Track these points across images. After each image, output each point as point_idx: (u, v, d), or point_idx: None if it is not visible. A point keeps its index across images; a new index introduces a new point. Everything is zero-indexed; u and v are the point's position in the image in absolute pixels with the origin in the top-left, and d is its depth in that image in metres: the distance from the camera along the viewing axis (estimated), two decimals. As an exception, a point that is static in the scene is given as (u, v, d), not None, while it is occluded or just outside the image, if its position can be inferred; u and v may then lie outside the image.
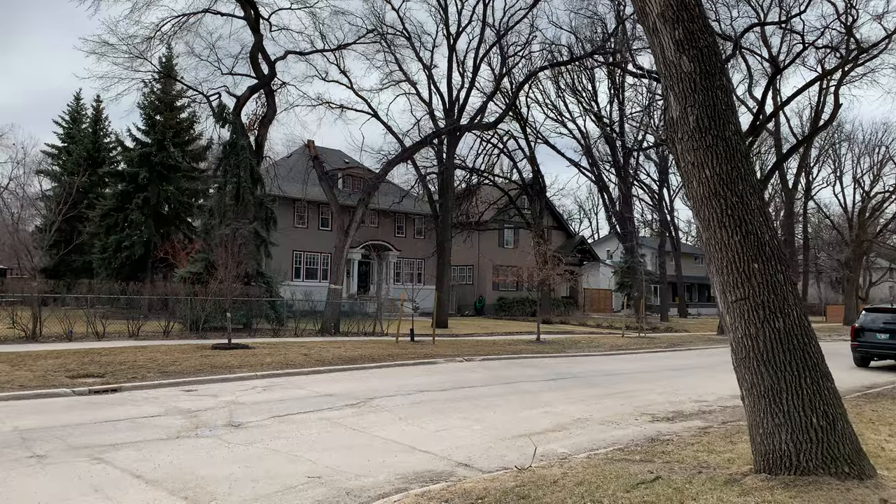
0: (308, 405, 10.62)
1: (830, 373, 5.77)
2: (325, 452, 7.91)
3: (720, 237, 5.89)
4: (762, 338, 5.67)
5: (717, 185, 5.90)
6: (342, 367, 14.73)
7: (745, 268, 5.76)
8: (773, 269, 5.72)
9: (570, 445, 8.66)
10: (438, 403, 11.28)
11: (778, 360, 5.60)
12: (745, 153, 6.05)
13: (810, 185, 53.95)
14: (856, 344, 18.68)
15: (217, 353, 15.10)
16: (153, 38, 24.99)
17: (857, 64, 30.65)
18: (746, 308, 5.76)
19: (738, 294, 5.81)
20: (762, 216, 5.85)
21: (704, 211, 6.01)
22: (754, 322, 5.71)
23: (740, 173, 5.88)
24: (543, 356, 19.07)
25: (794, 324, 5.65)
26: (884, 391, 13.66)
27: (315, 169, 24.57)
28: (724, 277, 5.90)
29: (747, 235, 5.78)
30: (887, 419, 9.55)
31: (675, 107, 6.24)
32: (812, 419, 5.48)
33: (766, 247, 5.77)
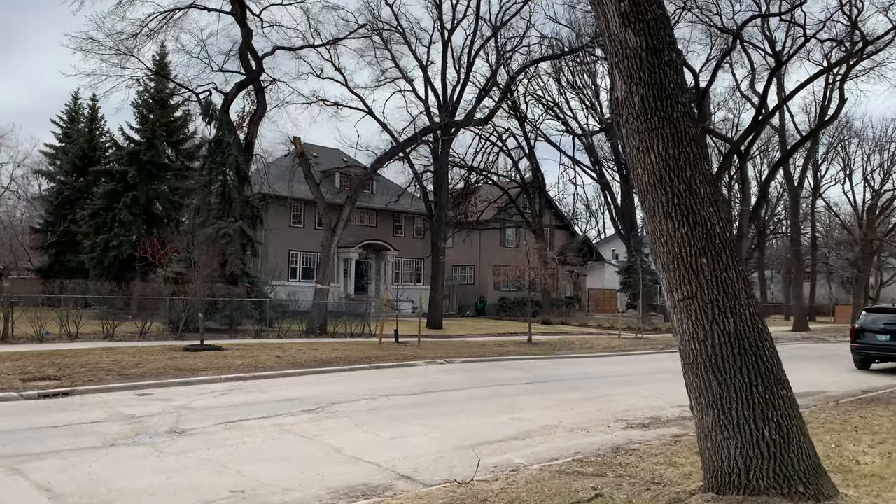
0: (263, 410, 10.12)
1: (787, 380, 5.18)
2: (260, 463, 7.40)
3: (666, 229, 5.32)
4: (710, 341, 5.10)
5: (663, 171, 5.33)
6: (314, 369, 14.23)
7: (692, 263, 5.19)
8: (723, 265, 5.15)
9: (528, 455, 8.11)
10: (403, 409, 10.75)
11: (727, 365, 5.03)
12: (697, 137, 5.47)
13: (818, 183, 52.93)
14: (855, 346, 17.99)
15: (185, 356, 14.63)
16: (139, 34, 24.59)
17: (862, 57, 29.82)
18: (694, 308, 5.18)
19: (684, 292, 5.24)
20: (713, 206, 5.27)
21: (650, 200, 5.44)
22: (702, 323, 5.14)
23: (689, 158, 5.31)
24: (530, 358, 18.49)
25: (746, 326, 5.08)
26: (879, 396, 13.01)
27: (301, 166, 24.12)
28: (671, 274, 5.33)
29: (695, 227, 5.21)
30: (873, 427, 8.92)
31: (620, 86, 5.68)
32: (764, 432, 4.89)
33: (717, 239, 5.20)
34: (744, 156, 33.61)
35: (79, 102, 42.46)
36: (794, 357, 22.93)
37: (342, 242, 39.45)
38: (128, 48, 24.94)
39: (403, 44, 32.18)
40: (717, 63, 28.98)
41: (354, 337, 21.92)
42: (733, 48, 28.44)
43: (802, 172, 40.51)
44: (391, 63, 32.93)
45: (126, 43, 24.78)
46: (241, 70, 26.91)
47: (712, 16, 28.17)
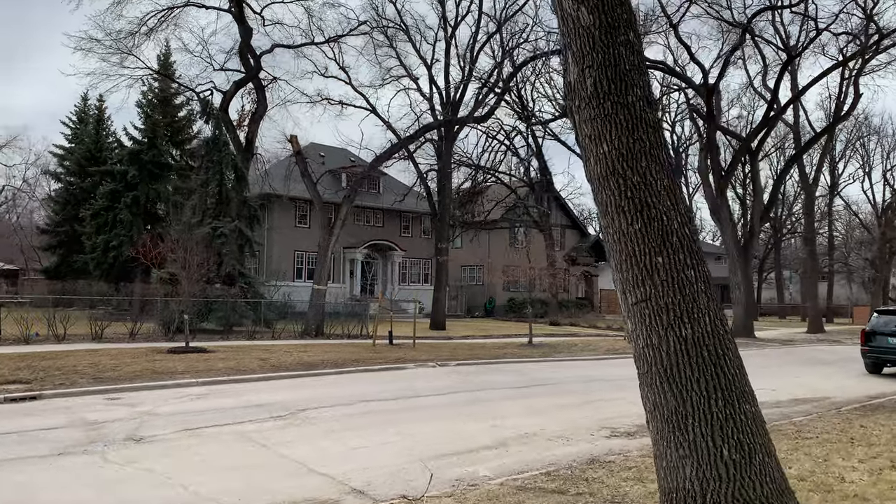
0: (230, 416, 9.73)
1: (752, 393, 4.66)
2: (208, 474, 7.00)
3: (618, 225, 4.82)
4: (665, 349, 4.59)
5: (616, 161, 4.82)
6: (298, 373, 13.83)
7: (646, 262, 4.69)
8: (681, 264, 4.64)
9: (497, 467, 7.63)
10: (379, 415, 10.31)
11: (683, 376, 4.52)
12: (655, 124, 4.95)
13: (836, 182, 51.75)
14: (866, 349, 17.26)
15: (167, 358, 14.31)
16: (138, 32, 24.41)
17: (878, 51, 28.91)
18: (648, 312, 4.68)
19: (638, 294, 4.74)
20: (670, 199, 4.76)
21: (602, 194, 4.94)
22: (656, 329, 4.64)
23: (644, 147, 4.80)
24: (527, 361, 17.97)
25: (706, 332, 4.56)
26: (886, 402, 12.36)
27: (298, 165, 23.78)
28: (624, 274, 4.83)
29: (650, 223, 4.70)
30: (870, 438, 8.33)
31: (573, 69, 5.18)
32: (723, 451, 4.38)
33: (674, 236, 4.69)
34: (755, 153, 32.77)
35: (88, 103, 42.59)
36: (804, 361, 22.26)
37: (347, 243, 39.17)
38: (127, 47, 24.79)
39: (407, 42, 31.82)
40: (727, 58, 28.23)
41: (351, 339, 21.53)
42: (742, 42, 27.65)
43: (817, 170, 39.49)
44: (395, 61, 32.60)
45: (125, 42, 24.63)
46: (242, 69, 26.68)
47: (722, 10, 27.49)
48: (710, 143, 29.92)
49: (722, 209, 29.89)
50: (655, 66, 32.22)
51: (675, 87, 35.53)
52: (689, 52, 29.36)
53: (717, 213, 30.30)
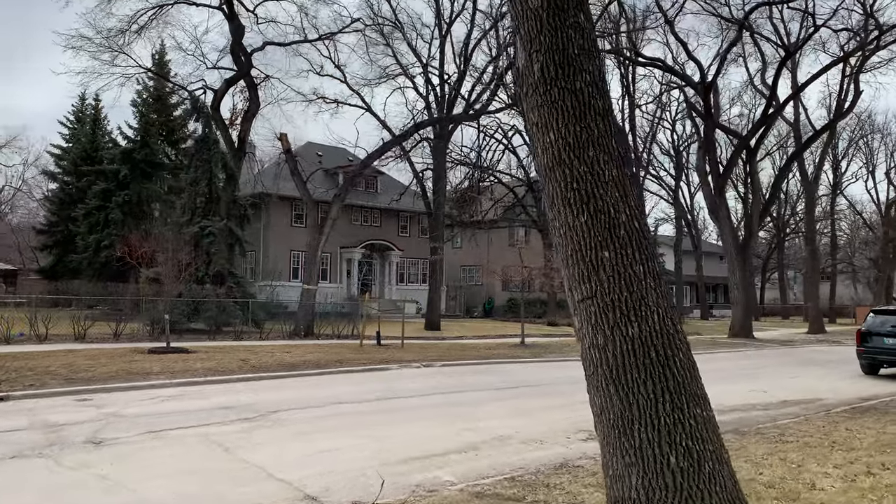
0: (197, 418, 9.49)
1: (704, 396, 4.37)
2: (161, 479, 6.77)
3: (564, 218, 4.55)
4: (611, 349, 4.33)
5: (562, 150, 4.56)
6: (278, 374, 13.58)
7: (592, 257, 4.42)
8: (628, 259, 4.37)
9: (462, 472, 7.36)
10: (352, 417, 10.06)
11: (630, 378, 4.25)
12: (604, 111, 4.67)
13: (838, 180, 51.24)
14: (861, 349, 16.93)
15: (146, 358, 14.10)
16: (128, 30, 24.24)
17: (878, 47, 28.50)
18: (594, 310, 4.42)
19: (583, 291, 4.48)
20: (619, 191, 4.49)
21: (549, 185, 4.68)
22: (602, 328, 4.37)
23: (592, 136, 4.54)
24: (516, 361, 17.69)
25: (654, 331, 4.29)
26: (877, 405, 12.04)
27: (287, 163, 23.56)
28: (570, 270, 4.57)
29: (596, 215, 4.43)
30: (853, 443, 8.03)
31: (521, 54, 4.93)
32: (670, 458, 4.11)
33: (622, 230, 4.42)
34: (754, 151, 32.39)
35: (85, 103, 42.51)
36: (800, 361, 21.90)
37: (344, 242, 38.96)
38: (118, 45, 24.63)
39: (403, 40, 31.57)
40: (724, 54, 27.91)
41: (341, 339, 21.28)
42: (739, 38, 27.31)
43: (818, 168, 39.06)
44: (391, 60, 32.30)
45: (115, 39, 24.46)
46: (235, 67, 26.49)
47: (719, 6, 27.13)
48: (707, 142, 29.58)
49: (720, 208, 29.54)
50: (653, 64, 31.93)
51: (674, 85, 35.18)
52: (685, 50, 29.07)
53: (716, 212, 29.94)
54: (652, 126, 41.22)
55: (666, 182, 50.24)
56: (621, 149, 4.63)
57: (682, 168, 46.56)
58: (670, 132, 45.74)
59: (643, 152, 40.63)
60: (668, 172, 49.67)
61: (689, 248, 56.34)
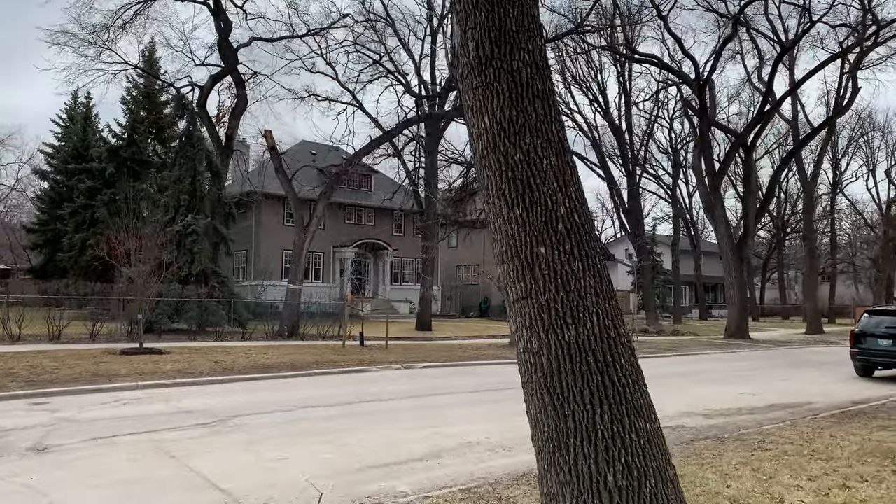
0: (153, 423, 9.10)
1: (649, 406, 3.96)
2: (93, 490, 6.39)
3: (499, 210, 4.15)
4: (546, 354, 3.92)
5: (497, 137, 4.15)
6: (250, 376, 13.19)
7: (527, 253, 4.02)
8: (565, 256, 3.96)
9: (419, 482, 6.97)
10: (316, 422, 9.66)
11: (565, 386, 3.85)
12: (544, 93, 4.26)
13: (838, 179, 50.68)
14: (855, 351, 16.49)
15: (116, 360, 13.71)
16: (112, 25, 23.87)
17: (876, 44, 28.02)
18: (528, 311, 4.01)
19: (519, 291, 4.07)
20: (558, 181, 4.08)
21: (484, 174, 4.28)
22: (537, 331, 3.97)
23: (530, 120, 4.12)
24: (501, 363, 17.26)
25: (593, 334, 3.88)
26: (867, 409, 11.61)
27: (273, 161, 23.18)
28: (506, 267, 4.16)
29: (532, 207, 4.03)
30: (834, 451, 7.61)
31: (457, 32, 4.53)
32: (607, 476, 3.71)
33: (560, 223, 4.01)
34: (750, 148, 31.91)
35: (78, 101, 42.18)
36: (795, 363, 21.44)
37: (337, 242, 38.59)
38: (102, 40, 24.27)
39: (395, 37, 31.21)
40: (718, 50, 27.43)
41: (326, 339, 20.88)
42: (734, 34, 26.87)
43: (816, 166, 38.57)
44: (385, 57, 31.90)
45: (100, 35, 24.10)
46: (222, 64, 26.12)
47: (715, 1, 26.68)
48: (703, 139, 29.13)
49: (716, 207, 29.09)
50: (648, 61, 31.49)
51: (670, 82, 34.72)
52: (680, 46, 28.56)
53: (712, 211, 29.50)
54: (649, 124, 40.82)
55: (664, 181, 49.82)
56: (562, 135, 4.22)
57: (680, 166, 46.10)
58: (668, 130, 45.31)
59: (640, 150, 40.21)
60: (665, 171, 49.24)
61: (688, 248, 55.87)
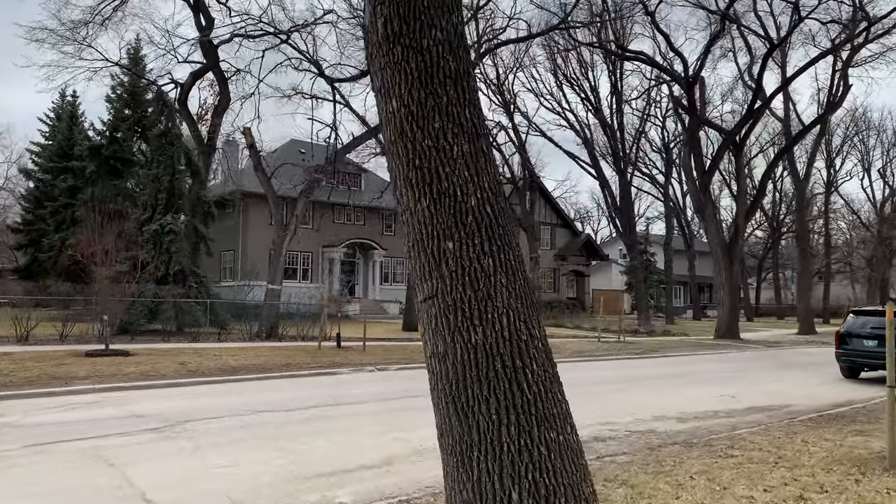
0: (101, 429, 8.75)
1: (563, 416, 3.61)
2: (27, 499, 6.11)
3: (406, 202, 3.81)
4: (451, 359, 3.58)
5: (405, 121, 3.80)
6: (215, 378, 12.84)
7: (434, 248, 3.67)
8: (475, 251, 3.62)
9: (364, 491, 6.64)
10: (273, 427, 9.31)
11: (470, 394, 3.51)
12: (456, 74, 3.90)
13: (832, 178, 50.29)
14: (841, 352, 16.17)
15: (78, 362, 13.36)
16: (91, 21, 23.49)
17: (867, 40, 27.71)
18: (435, 311, 3.67)
19: (426, 290, 3.73)
20: (469, 170, 3.73)
21: (392, 162, 3.93)
22: (443, 333, 3.63)
23: (440, 103, 3.77)
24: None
25: (501, 337, 3.53)
26: (847, 412, 11.28)
27: (251, 158, 22.84)
28: (414, 263, 3.82)
29: (440, 198, 3.68)
30: (801, 458, 7.26)
31: (367, 9, 4.18)
32: (512, 494, 3.36)
33: (470, 216, 3.66)
34: (740, 147, 31.58)
35: (65, 100, 41.81)
36: (782, 364, 21.10)
37: (326, 241, 38.24)
38: (82, 37, 23.89)
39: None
40: (707, 46, 27.08)
41: (305, 340, 20.51)
42: (722, 29, 26.54)
43: (809, 165, 38.19)
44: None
45: (79, 31, 23.72)
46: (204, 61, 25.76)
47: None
48: (692, 138, 28.79)
49: (706, 206, 28.74)
50: (636, 58, 31.14)
51: (661, 80, 34.39)
52: (668, 42, 28.24)
53: (702, 210, 29.16)
54: (641, 122, 40.48)
55: (658, 180, 49.45)
56: (477, 120, 3.86)
57: (673, 165, 45.75)
58: (661, 129, 44.98)
59: (632, 149, 39.86)
60: (659, 171, 48.92)
61: (682, 248, 55.54)
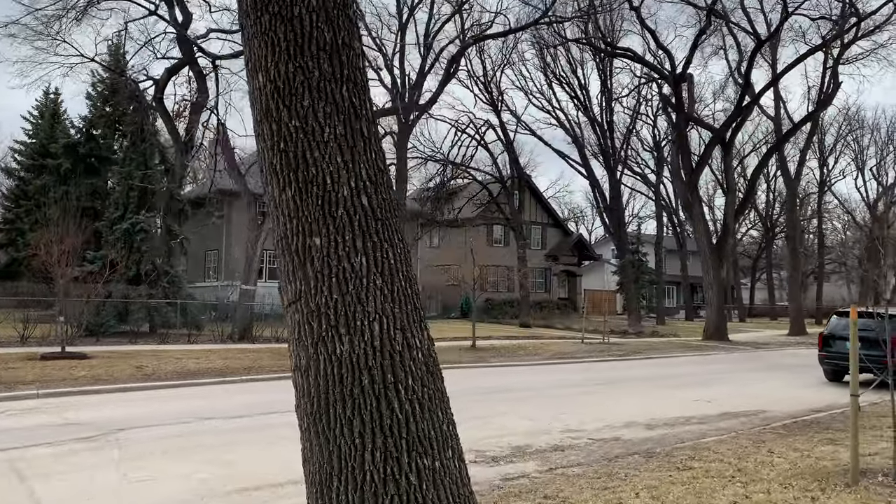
0: (28, 438, 8.26)
1: (442, 439, 3.13)
2: None
3: (271, 191, 3.32)
4: (314, 372, 3.11)
5: (271, 98, 3.31)
6: (170, 382, 12.35)
7: (299, 245, 3.19)
8: (345, 249, 3.13)
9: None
10: (210, 437, 8.82)
11: (333, 414, 3.03)
12: (334, 47, 3.40)
13: (825, 177, 49.82)
14: (824, 354, 15.71)
15: (28, 365, 12.87)
16: (64, 16, 22.96)
17: (857, 37, 27.28)
18: (298, 318, 3.19)
19: (290, 293, 3.24)
20: (344, 155, 3.24)
21: (258, 144, 3.45)
22: (305, 344, 3.15)
23: (311, 79, 3.28)
24: (452, 367, 16.37)
25: (371, 348, 3.05)
26: (823, 418, 10.83)
27: (223, 154, 22.32)
28: (280, 262, 3.34)
29: (307, 187, 3.19)
30: (762, 471, 6.78)
31: (241, -25, 3.70)
32: (374, 533, 2.87)
33: (341, 208, 3.17)
34: (728, 145, 31.12)
35: (49, 97, 41.23)
36: (768, 366, 20.64)
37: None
38: (55, 32, 23.37)
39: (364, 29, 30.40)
40: (694, 42, 26.62)
41: (280, 342, 19.98)
42: (709, 25, 26.10)
43: (800, 164, 37.75)
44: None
45: (52, 25, 23.21)
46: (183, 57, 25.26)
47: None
48: (679, 134, 28.33)
49: (694, 205, 28.27)
50: (624, 54, 30.71)
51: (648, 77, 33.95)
52: (654, 39, 27.83)
53: (689, 209, 28.71)
54: (632, 120, 40.03)
55: (650, 179, 48.99)
56: (357, 99, 3.37)
57: (663, 164, 45.29)
58: (652, 127, 44.53)
59: (622, 148, 39.43)
60: (651, 170, 48.44)
61: (675, 248, 55.11)
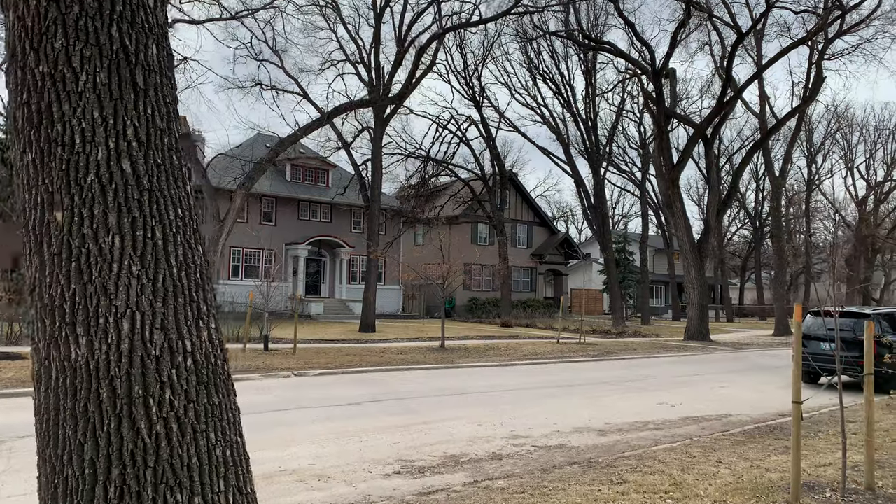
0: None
1: (216, 468, 2.48)
2: None
3: (14, 154, 2.67)
4: (45, 383, 2.45)
5: (17, 39, 2.69)
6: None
7: (37, 221, 2.56)
8: (93, 226, 2.50)
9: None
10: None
11: (62, 436, 2.38)
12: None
13: (813, 176, 49.30)
14: (798, 355, 15.05)
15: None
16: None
17: (841, 31, 26.74)
18: (34, 313, 2.53)
19: (28, 281, 2.59)
20: (104, 108, 2.58)
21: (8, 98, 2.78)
22: (37, 345, 2.49)
23: (67, 15, 2.65)
24: (413, 368, 15.77)
25: (118, 352, 2.40)
26: (785, 424, 10.19)
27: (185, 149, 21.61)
28: (23, 243, 2.67)
29: (50, 148, 2.56)
30: (699, 487, 6.15)
31: None
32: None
33: (91, 174, 2.54)
34: (710, 140, 30.56)
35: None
36: (746, 367, 20.07)
37: (290, 238, 37.05)
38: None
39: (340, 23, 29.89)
40: (673, 35, 26.00)
41: (250, 342, 19.29)
42: (688, 17, 25.51)
43: (785, 161, 37.21)
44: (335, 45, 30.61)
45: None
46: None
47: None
48: (659, 130, 27.70)
49: (675, 202, 27.66)
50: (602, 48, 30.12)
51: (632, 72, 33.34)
52: (633, 31, 27.17)
53: (670, 205, 28.09)
54: (616, 117, 39.43)
55: (636, 177, 48.43)
56: (130, 42, 2.71)
57: (650, 161, 44.72)
58: (638, 125, 43.95)
59: (606, 145, 38.81)
60: (638, 168, 47.88)
61: (662, 247, 54.56)
